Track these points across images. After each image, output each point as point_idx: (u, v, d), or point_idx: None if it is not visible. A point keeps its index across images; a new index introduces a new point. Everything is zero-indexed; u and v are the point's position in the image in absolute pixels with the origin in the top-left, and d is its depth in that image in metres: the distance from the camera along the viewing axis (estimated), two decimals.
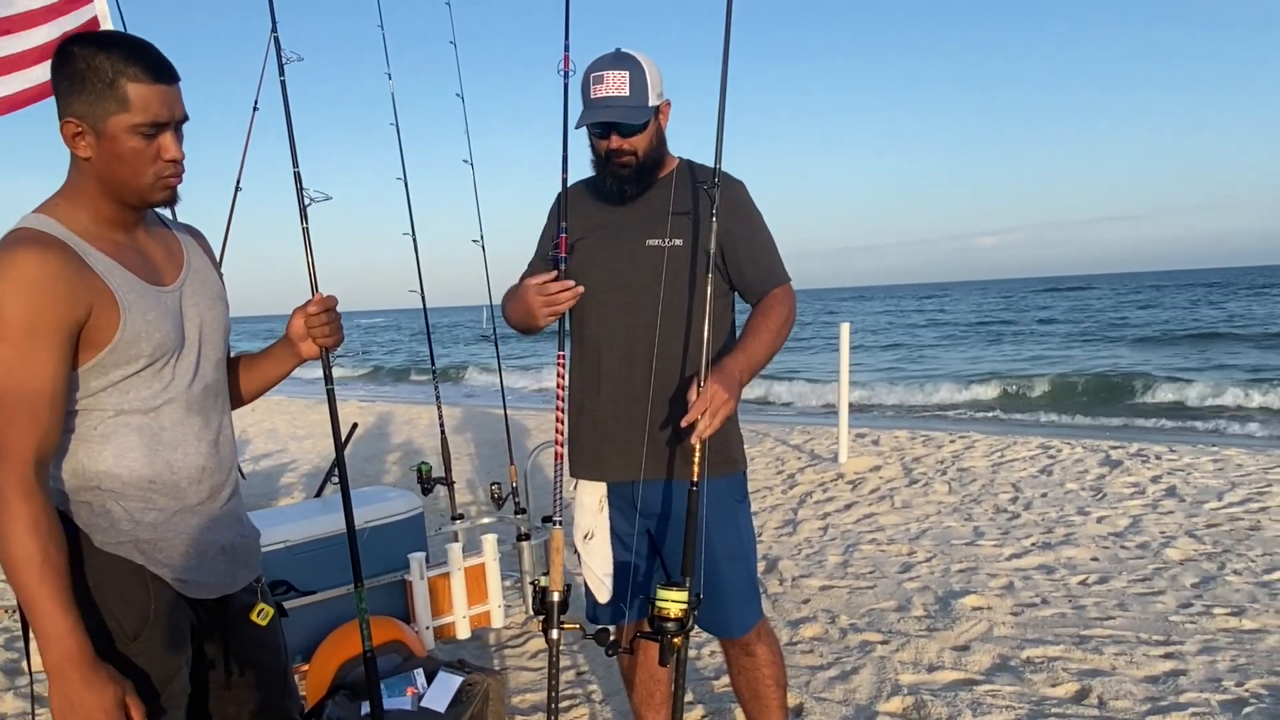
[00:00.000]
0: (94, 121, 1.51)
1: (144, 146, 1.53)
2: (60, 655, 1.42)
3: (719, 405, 2.00)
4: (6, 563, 1.42)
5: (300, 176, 2.03)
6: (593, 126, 2.21)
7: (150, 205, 1.61)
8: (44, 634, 1.42)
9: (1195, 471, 6.64)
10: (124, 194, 1.56)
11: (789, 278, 2.34)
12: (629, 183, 2.24)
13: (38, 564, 1.41)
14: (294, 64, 2.09)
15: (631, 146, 2.20)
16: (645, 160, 2.23)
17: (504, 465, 8.15)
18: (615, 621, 2.43)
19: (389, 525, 3.39)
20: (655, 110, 2.22)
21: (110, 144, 1.52)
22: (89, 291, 1.50)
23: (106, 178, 1.55)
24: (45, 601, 1.41)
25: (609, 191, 2.27)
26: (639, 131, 2.19)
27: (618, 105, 2.15)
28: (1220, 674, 3.33)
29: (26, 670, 3.04)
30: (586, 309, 2.28)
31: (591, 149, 2.28)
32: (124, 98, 1.50)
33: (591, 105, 2.18)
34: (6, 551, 1.41)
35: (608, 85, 2.16)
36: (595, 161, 2.28)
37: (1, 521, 1.41)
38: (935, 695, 3.24)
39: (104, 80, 1.49)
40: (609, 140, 2.20)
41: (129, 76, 1.50)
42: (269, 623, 1.81)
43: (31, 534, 1.41)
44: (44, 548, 1.42)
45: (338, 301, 1.89)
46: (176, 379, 1.63)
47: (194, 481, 1.66)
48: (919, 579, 4.59)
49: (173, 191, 1.60)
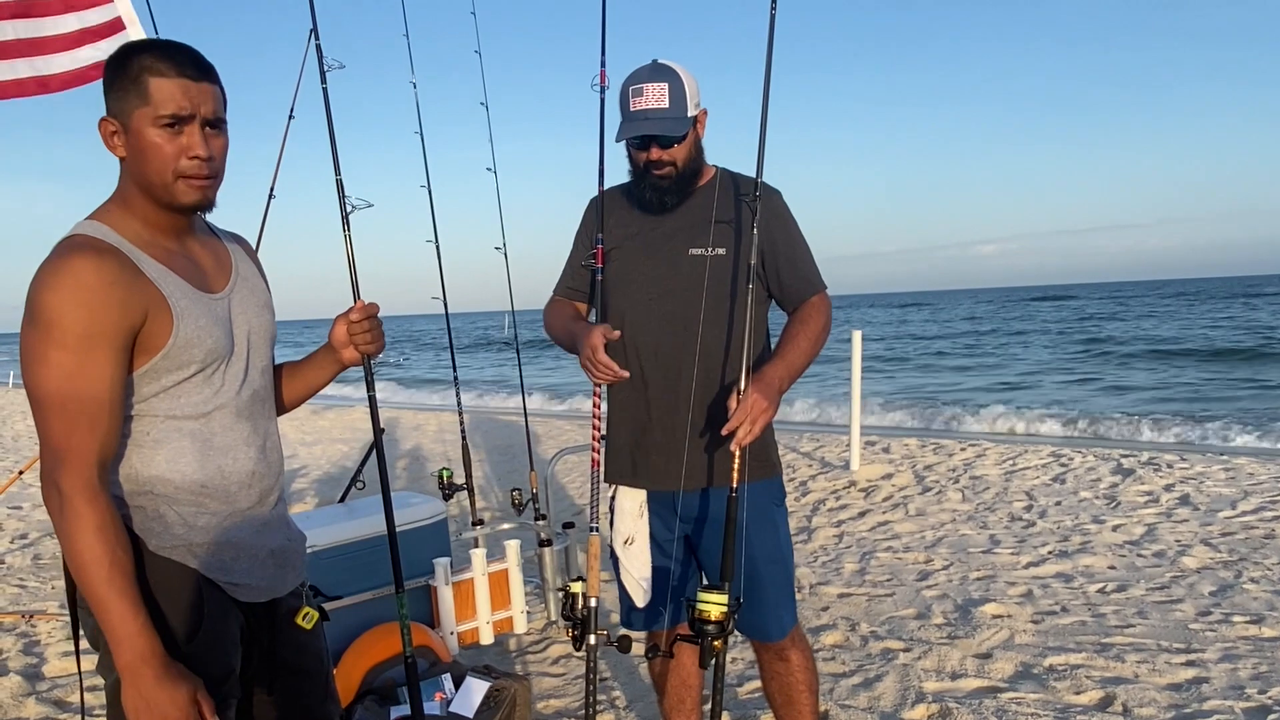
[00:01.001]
0: (123, 118, 1.53)
1: (165, 141, 1.52)
2: (133, 654, 1.44)
3: (759, 414, 2.02)
4: (75, 565, 1.43)
5: (342, 184, 2.05)
6: (632, 139, 2.22)
7: (181, 207, 1.57)
8: (115, 635, 1.44)
9: (1208, 480, 6.64)
10: (154, 193, 1.55)
11: (825, 285, 2.35)
12: (669, 194, 2.26)
13: (106, 565, 1.42)
14: (335, 71, 2.10)
15: (671, 158, 2.21)
16: (684, 170, 2.24)
17: (518, 471, 8.20)
18: (650, 627, 2.44)
19: (414, 530, 3.40)
20: (693, 120, 2.23)
21: (135, 139, 1.53)
22: (143, 298, 1.52)
23: (137, 176, 1.55)
24: (116, 602, 1.43)
25: (649, 202, 2.29)
26: (678, 142, 2.21)
27: (658, 118, 2.17)
28: (1243, 681, 3.33)
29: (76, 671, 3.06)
30: (627, 316, 2.29)
31: (630, 160, 2.30)
32: (145, 91, 1.51)
33: (631, 118, 2.20)
34: (75, 554, 1.43)
35: (647, 98, 2.18)
36: (633, 172, 2.30)
37: (69, 526, 1.43)
38: (960, 703, 3.24)
39: (130, 77, 1.51)
40: (649, 152, 2.21)
41: (152, 71, 1.51)
42: (313, 626, 1.82)
43: (99, 536, 1.43)
44: (111, 549, 1.43)
45: (379, 309, 1.90)
46: (226, 385, 1.65)
47: (244, 486, 1.67)
48: (937, 587, 4.60)
49: (203, 194, 1.57)
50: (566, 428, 11.21)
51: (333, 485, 8.01)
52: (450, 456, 9.04)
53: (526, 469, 4.44)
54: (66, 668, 3.96)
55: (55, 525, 1.45)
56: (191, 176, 1.54)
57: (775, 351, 2.22)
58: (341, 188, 2.05)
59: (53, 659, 4.07)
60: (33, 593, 5.17)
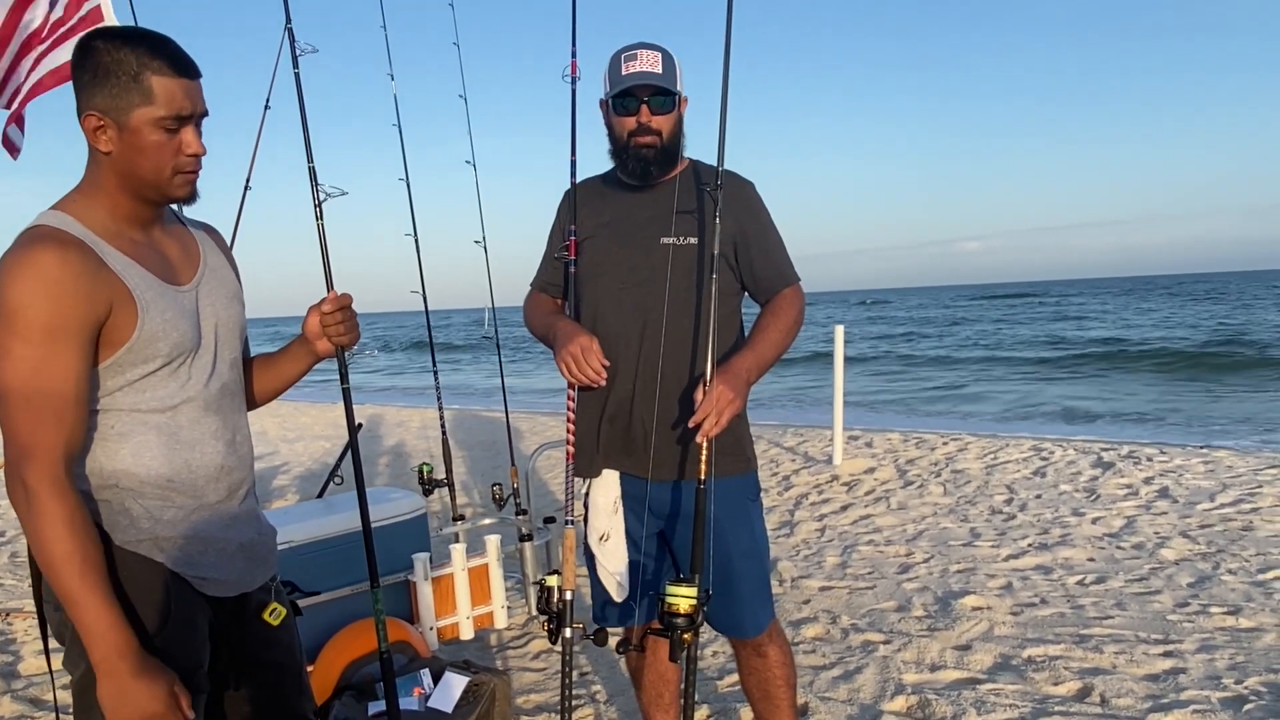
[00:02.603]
0: (117, 115, 1.51)
1: (166, 140, 1.53)
2: (108, 649, 1.42)
3: (724, 405, 2.01)
4: (45, 562, 1.41)
5: (315, 172, 2.02)
6: (618, 105, 2.18)
7: (171, 200, 1.60)
8: (89, 630, 1.42)
9: (1187, 473, 6.69)
10: (144, 189, 1.56)
11: (799, 278, 2.34)
12: (653, 163, 2.21)
13: (78, 561, 1.41)
14: (308, 55, 2.07)
15: (658, 126, 2.19)
16: (668, 144, 2.22)
17: (498, 467, 8.17)
18: (625, 622, 2.42)
19: (393, 525, 3.38)
20: (680, 99, 2.22)
21: (133, 137, 1.52)
22: (108, 290, 1.50)
23: (127, 172, 1.54)
24: (88, 597, 1.41)
25: (632, 173, 2.24)
26: (667, 111, 2.19)
27: (655, 80, 2.15)
28: (1219, 672, 3.35)
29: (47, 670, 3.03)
30: (600, 305, 2.28)
31: (610, 137, 2.26)
32: (148, 91, 1.50)
33: (625, 79, 2.17)
34: (45, 550, 1.41)
35: (641, 62, 2.16)
36: (615, 150, 2.26)
37: (37, 522, 1.41)
38: (939, 694, 3.25)
39: (129, 73, 1.49)
40: (639, 114, 2.18)
41: (154, 70, 1.50)
42: (281, 622, 1.80)
43: (68, 531, 1.41)
44: (81, 544, 1.41)
45: (352, 299, 1.89)
46: (193, 378, 1.63)
47: (212, 480, 1.65)
48: (918, 579, 4.61)
49: (192, 187, 1.60)
50: (549, 423, 11.18)
51: (314, 481, 7.95)
52: (432, 452, 9.01)
53: (508, 464, 4.42)
54: (42, 665, 3.92)
55: (22, 521, 1.43)
56: (189, 171, 1.57)
57: (745, 342, 2.21)
58: (314, 175, 2.03)
59: (28, 657, 4.03)
60: (9, 590, 5.11)
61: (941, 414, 14.07)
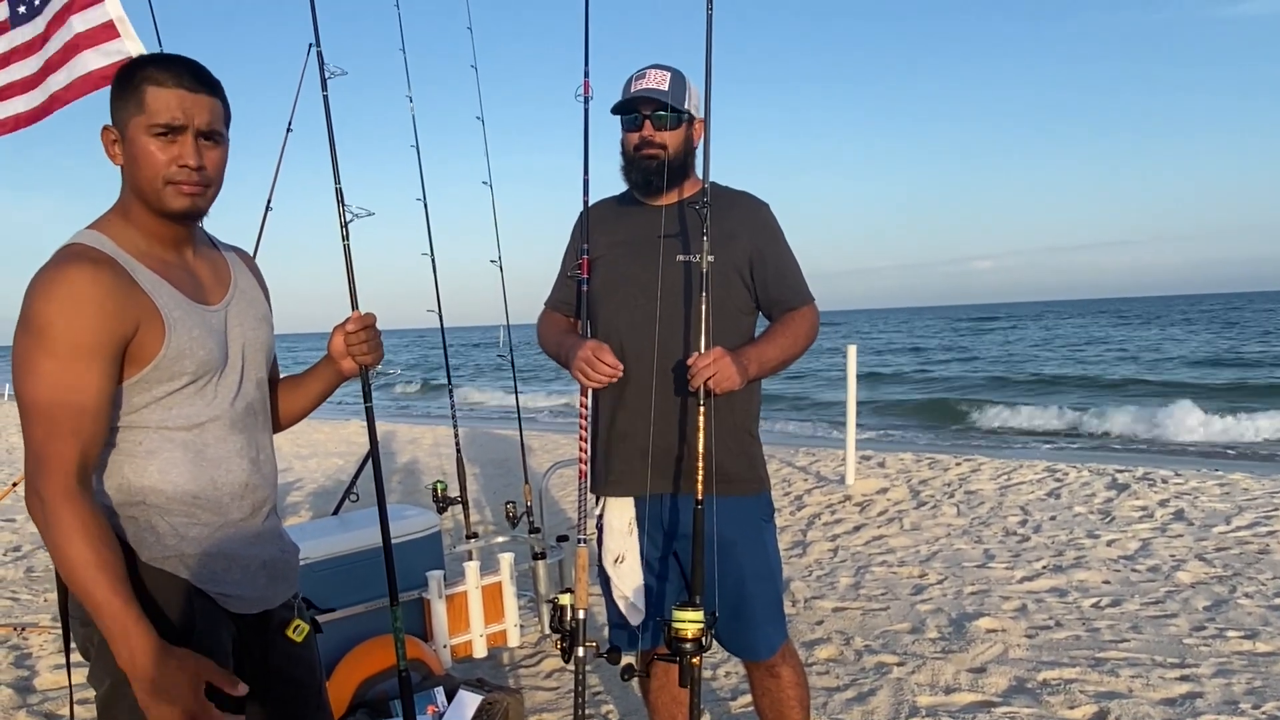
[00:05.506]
0: (121, 127, 1.56)
1: (158, 149, 1.54)
2: (133, 648, 1.43)
3: (719, 358, 2.01)
4: (64, 569, 1.43)
5: (342, 192, 2.05)
6: (625, 121, 2.25)
7: (169, 213, 1.58)
8: (111, 632, 1.44)
9: (1202, 495, 6.65)
10: (145, 199, 1.57)
11: (813, 298, 2.36)
12: (655, 174, 2.24)
13: (94, 566, 1.42)
14: (337, 78, 2.10)
15: (662, 140, 2.23)
16: (673, 160, 2.25)
17: (511, 485, 8.18)
18: (633, 647, 2.42)
19: (408, 543, 3.39)
20: (690, 118, 2.26)
21: (130, 146, 1.55)
22: (136, 308, 1.53)
23: (131, 183, 1.58)
24: (108, 599, 1.42)
25: (635, 183, 2.29)
26: (671, 127, 2.23)
27: (657, 95, 2.20)
28: (1237, 696, 3.33)
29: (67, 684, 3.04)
30: (615, 322, 2.30)
31: (621, 151, 2.31)
32: (141, 100, 1.53)
33: (630, 95, 2.24)
34: (62, 558, 1.43)
35: (649, 80, 2.23)
36: (624, 165, 2.31)
37: (53, 531, 1.43)
38: (953, 717, 3.24)
39: (131, 85, 1.54)
40: (641, 129, 2.23)
41: (150, 81, 1.53)
42: (304, 639, 1.82)
43: (82, 537, 1.42)
44: (96, 549, 1.43)
45: (376, 319, 1.91)
46: (219, 397, 1.65)
47: (237, 498, 1.67)
48: (932, 601, 4.59)
49: (192, 201, 1.58)
50: (562, 441, 11.19)
51: (328, 498, 7.98)
52: (445, 470, 9.03)
53: (521, 482, 4.44)
54: (58, 680, 3.94)
55: (41, 532, 1.45)
56: (181, 183, 1.55)
57: (752, 341, 2.24)
58: (341, 195, 2.06)
59: (44, 672, 4.05)
60: (25, 606, 5.14)
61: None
